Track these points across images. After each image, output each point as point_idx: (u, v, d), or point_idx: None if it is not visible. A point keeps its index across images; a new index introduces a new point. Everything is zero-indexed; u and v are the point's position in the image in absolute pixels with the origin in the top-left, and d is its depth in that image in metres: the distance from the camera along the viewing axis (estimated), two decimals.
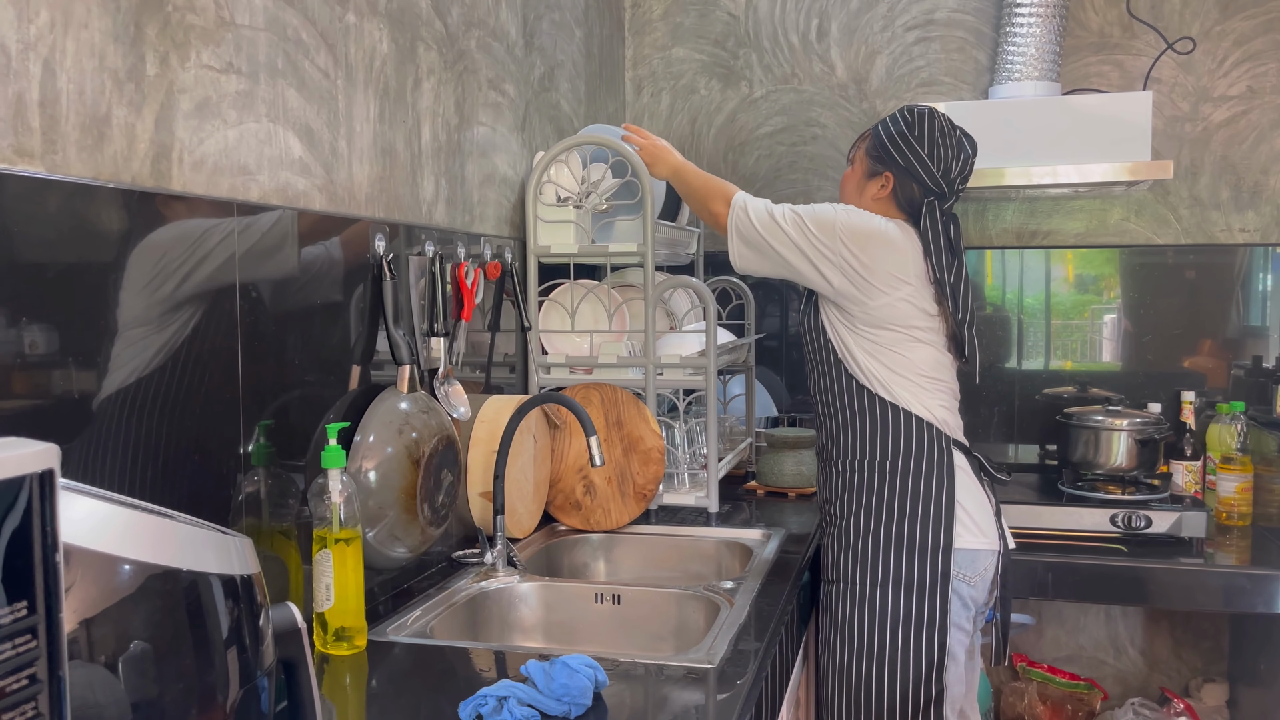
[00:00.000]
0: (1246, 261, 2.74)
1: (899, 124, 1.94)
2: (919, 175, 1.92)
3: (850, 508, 1.92)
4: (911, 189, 1.93)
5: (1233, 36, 2.71)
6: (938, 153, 1.92)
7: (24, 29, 1.03)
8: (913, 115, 1.93)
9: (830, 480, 1.99)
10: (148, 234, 1.19)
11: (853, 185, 2.01)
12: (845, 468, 1.95)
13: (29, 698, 0.59)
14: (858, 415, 1.92)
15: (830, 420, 1.98)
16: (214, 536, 0.78)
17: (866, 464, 1.92)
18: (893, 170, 1.93)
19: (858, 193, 1.99)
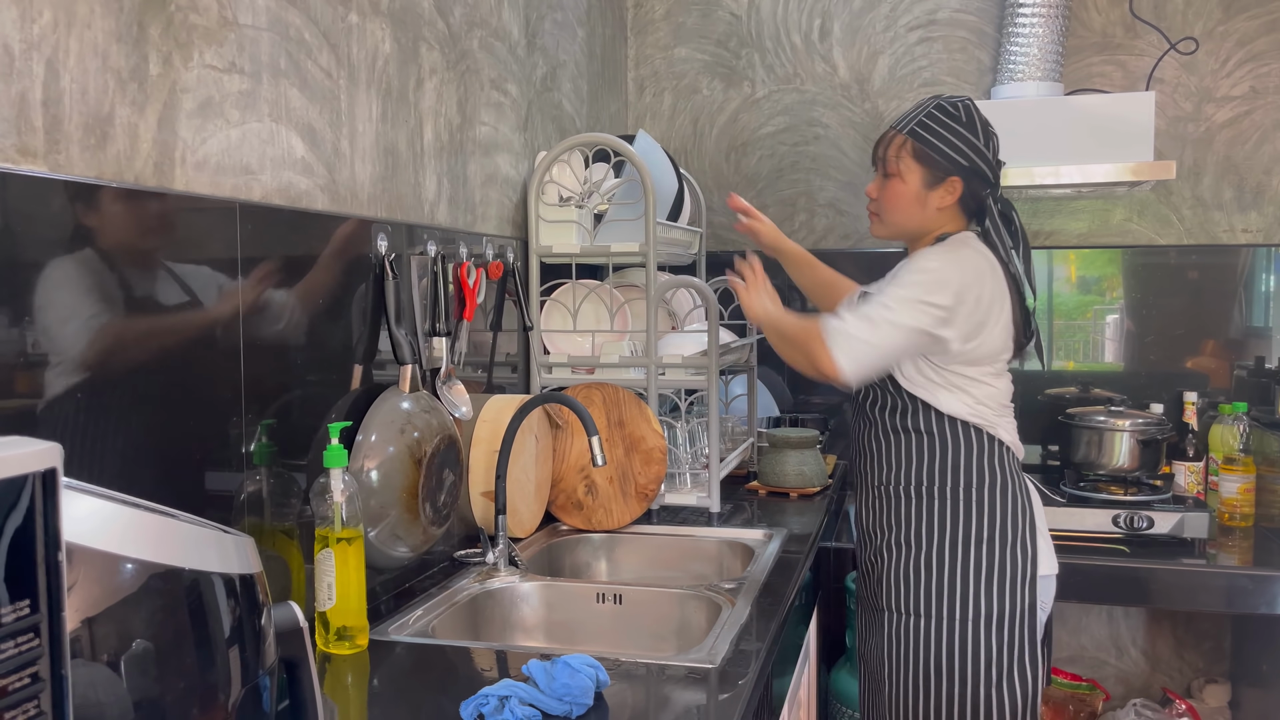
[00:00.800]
0: (1249, 262, 2.74)
1: (947, 120, 1.77)
2: (983, 172, 1.79)
3: (928, 538, 1.79)
4: (979, 189, 1.80)
5: (1235, 37, 2.71)
6: (992, 141, 1.80)
7: (27, 29, 1.03)
8: (956, 108, 1.78)
9: (892, 507, 1.84)
10: (149, 233, 1.19)
11: (909, 200, 1.80)
12: (918, 495, 1.81)
13: (31, 696, 0.59)
14: (937, 441, 1.79)
15: (896, 444, 1.83)
16: (216, 536, 0.78)
17: (950, 492, 1.79)
18: (959, 174, 1.78)
19: (918, 206, 1.80)
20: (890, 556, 1.83)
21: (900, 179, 1.79)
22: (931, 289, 1.71)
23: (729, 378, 2.90)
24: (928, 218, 1.81)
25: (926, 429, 1.79)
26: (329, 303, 1.54)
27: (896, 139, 1.80)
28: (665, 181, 2.42)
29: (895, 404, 1.82)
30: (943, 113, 1.77)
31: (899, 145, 1.79)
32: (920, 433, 1.80)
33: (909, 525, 1.81)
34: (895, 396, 1.82)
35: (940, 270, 1.72)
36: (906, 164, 1.79)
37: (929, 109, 1.78)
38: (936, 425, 1.79)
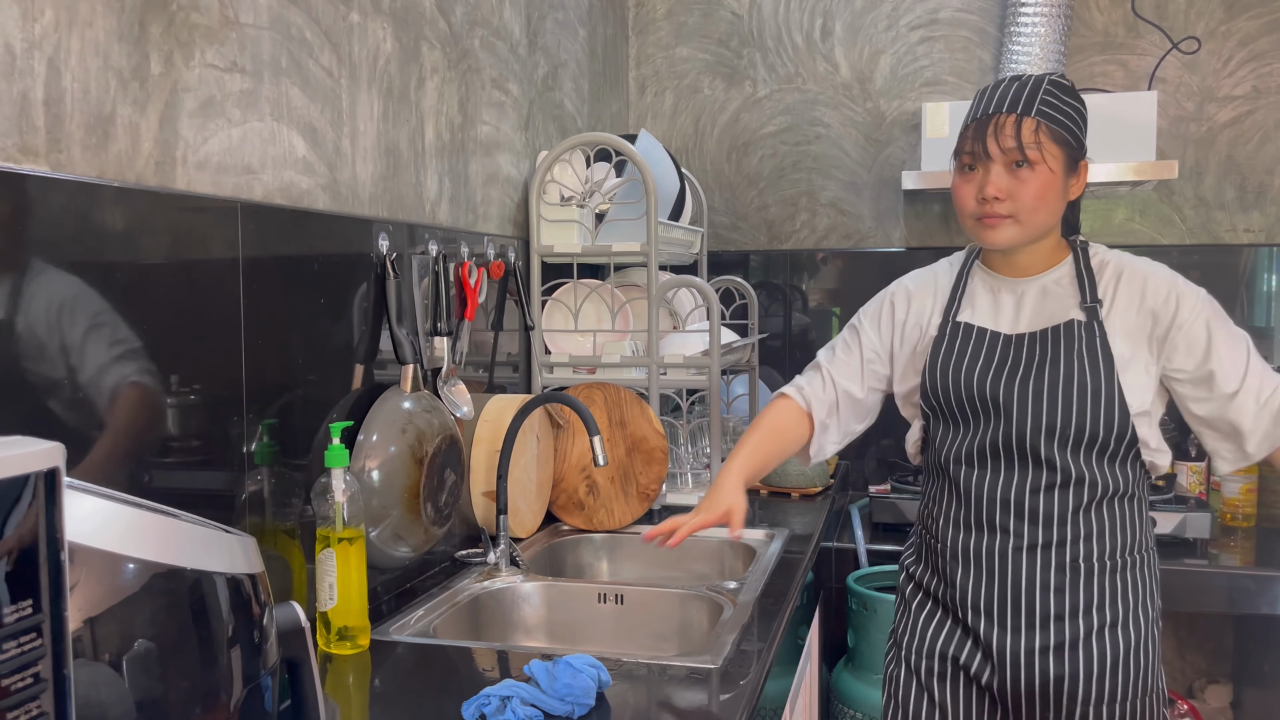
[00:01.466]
0: (1251, 262, 2.73)
1: (1068, 98, 1.52)
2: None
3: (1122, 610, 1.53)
4: None
5: (1238, 36, 2.71)
6: None
7: (29, 28, 1.03)
8: (1068, 81, 1.55)
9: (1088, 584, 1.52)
10: (151, 233, 1.19)
11: (1056, 191, 1.50)
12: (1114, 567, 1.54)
13: (33, 696, 0.59)
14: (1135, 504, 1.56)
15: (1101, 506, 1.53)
16: (218, 535, 0.78)
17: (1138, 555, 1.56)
18: (1085, 154, 1.56)
19: (1061, 198, 1.52)
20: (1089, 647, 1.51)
21: (1045, 166, 1.48)
22: None
23: (730, 377, 2.89)
24: (1058, 211, 1.54)
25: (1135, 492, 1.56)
26: (330, 302, 1.53)
27: (1028, 123, 1.48)
28: (667, 181, 2.42)
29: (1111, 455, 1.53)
30: (1060, 88, 1.52)
31: (1033, 130, 1.48)
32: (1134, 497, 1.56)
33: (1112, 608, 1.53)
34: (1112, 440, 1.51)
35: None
36: (1050, 149, 1.48)
37: (1045, 85, 1.51)
38: (1143, 483, 1.58)
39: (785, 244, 3.05)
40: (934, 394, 1.59)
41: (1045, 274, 1.58)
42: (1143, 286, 1.54)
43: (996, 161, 1.50)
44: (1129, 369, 1.50)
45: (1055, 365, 1.51)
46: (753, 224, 3.06)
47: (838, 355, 1.72)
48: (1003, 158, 1.49)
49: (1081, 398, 1.49)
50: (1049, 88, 1.51)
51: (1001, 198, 1.49)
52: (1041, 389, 1.50)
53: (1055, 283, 1.57)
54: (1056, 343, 1.52)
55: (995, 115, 1.51)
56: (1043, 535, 1.51)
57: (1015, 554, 1.52)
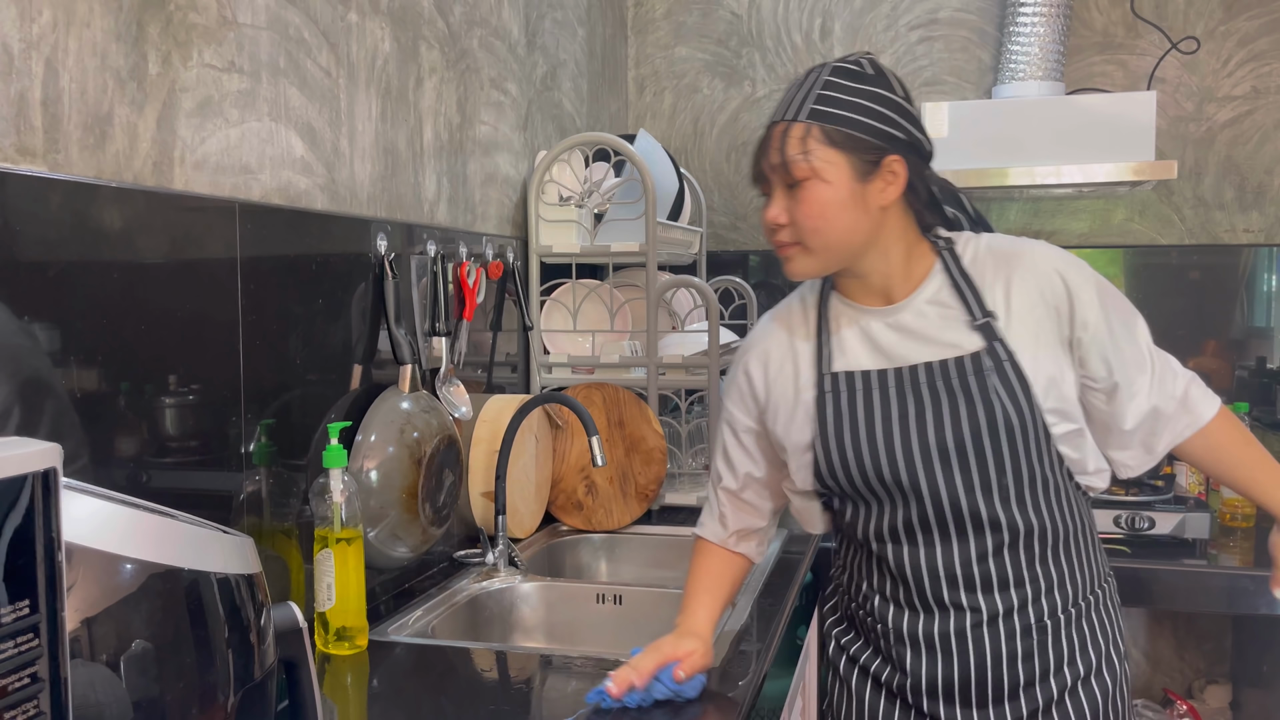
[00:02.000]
0: (1251, 262, 2.73)
1: (852, 84, 1.24)
2: (922, 143, 1.28)
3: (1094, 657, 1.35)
4: (921, 169, 1.28)
5: (1237, 36, 2.71)
6: (909, 95, 1.29)
7: (26, 28, 1.03)
8: (860, 64, 1.27)
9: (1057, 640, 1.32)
10: (149, 233, 1.19)
11: (841, 204, 1.22)
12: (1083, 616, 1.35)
13: (31, 696, 0.59)
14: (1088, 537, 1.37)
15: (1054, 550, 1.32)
16: (215, 536, 0.78)
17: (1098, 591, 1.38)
18: (896, 149, 1.24)
19: (857, 209, 1.23)
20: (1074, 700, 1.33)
21: (819, 179, 1.22)
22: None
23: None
24: (870, 224, 1.25)
25: (1085, 523, 1.36)
26: (328, 302, 1.53)
27: (796, 130, 1.23)
28: (666, 181, 2.42)
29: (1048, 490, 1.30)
30: (840, 75, 1.24)
31: (802, 136, 1.22)
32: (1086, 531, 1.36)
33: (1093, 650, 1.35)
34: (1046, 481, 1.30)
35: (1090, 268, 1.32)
36: (823, 156, 1.22)
37: (821, 78, 1.25)
38: (1089, 511, 1.38)
39: None
40: (833, 477, 1.32)
41: (915, 294, 1.30)
42: (1033, 275, 1.28)
43: (774, 183, 1.26)
44: (1053, 387, 1.26)
45: (966, 409, 1.25)
46: (752, 224, 3.06)
47: (724, 468, 1.44)
48: (776, 178, 1.25)
49: (1010, 440, 1.24)
50: (828, 79, 1.24)
51: (782, 222, 1.25)
52: (963, 443, 1.25)
53: (931, 301, 1.29)
54: (963, 378, 1.26)
55: (771, 127, 1.27)
56: (1001, 603, 1.29)
57: (975, 630, 1.29)
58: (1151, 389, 1.30)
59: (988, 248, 1.32)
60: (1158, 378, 1.31)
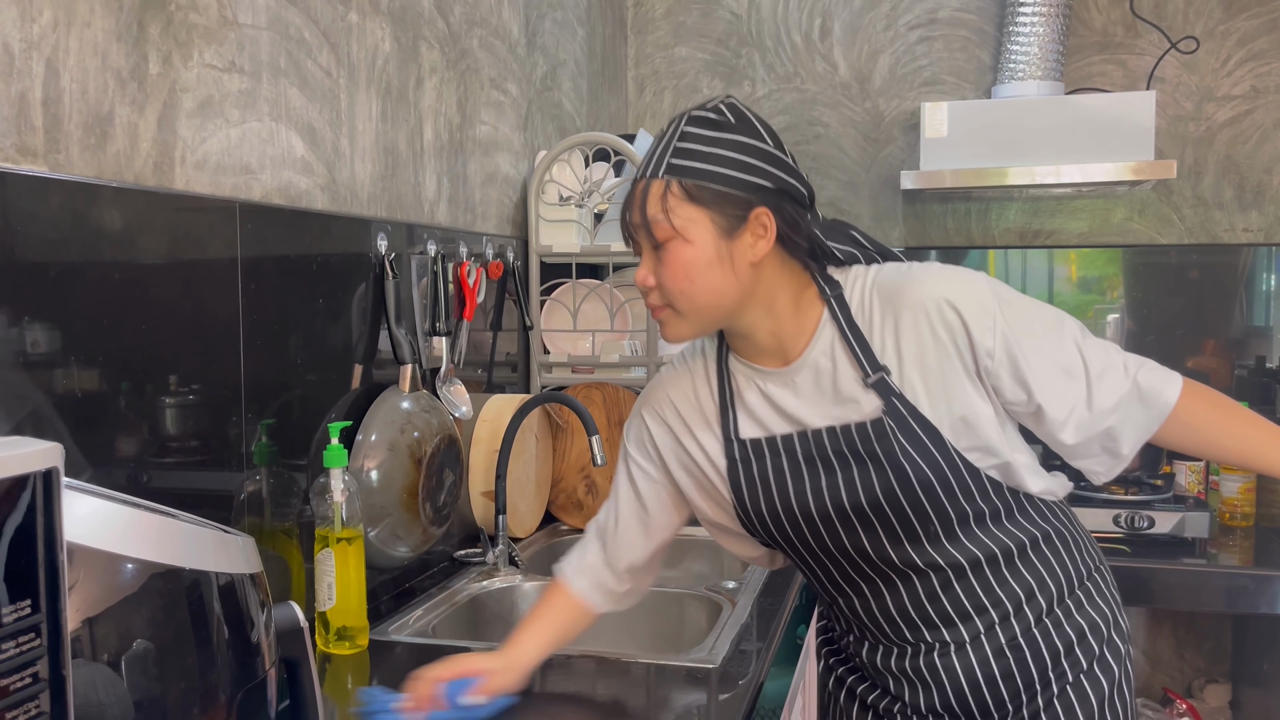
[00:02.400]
0: (1250, 261, 2.74)
1: (708, 133, 1.15)
2: (793, 187, 1.17)
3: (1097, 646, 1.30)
4: (795, 215, 1.17)
5: (1236, 36, 2.71)
6: (780, 142, 1.19)
7: (27, 28, 1.03)
8: (718, 111, 1.17)
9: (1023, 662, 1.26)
10: (149, 233, 1.19)
11: (706, 264, 1.14)
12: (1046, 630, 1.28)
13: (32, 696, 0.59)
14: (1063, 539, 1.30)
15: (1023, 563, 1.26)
16: (216, 535, 0.78)
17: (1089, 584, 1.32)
18: (764, 200, 1.14)
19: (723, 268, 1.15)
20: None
21: (684, 239, 1.14)
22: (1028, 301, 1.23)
23: None
24: (742, 281, 1.16)
25: (1045, 529, 1.27)
26: (329, 302, 1.54)
27: (655, 187, 1.15)
28: None
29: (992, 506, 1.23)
30: (699, 125, 1.16)
31: (661, 194, 1.14)
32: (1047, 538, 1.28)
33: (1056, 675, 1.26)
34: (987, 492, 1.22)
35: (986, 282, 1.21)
36: (684, 214, 1.14)
37: (678, 130, 1.17)
38: (1052, 513, 1.29)
39: None
40: (761, 534, 1.29)
41: (808, 351, 1.21)
42: (920, 312, 1.18)
43: (640, 243, 1.19)
44: (966, 427, 1.18)
45: (876, 473, 1.18)
46: None
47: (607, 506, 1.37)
48: (641, 237, 1.18)
49: (929, 492, 1.18)
50: (685, 129, 1.16)
51: (650, 285, 1.18)
52: (878, 504, 1.19)
53: (824, 355, 1.21)
54: (867, 444, 1.18)
55: (634, 184, 1.19)
56: (967, 631, 1.24)
57: (945, 660, 1.25)
58: (1091, 397, 1.19)
59: (874, 286, 1.21)
60: (1094, 382, 1.20)
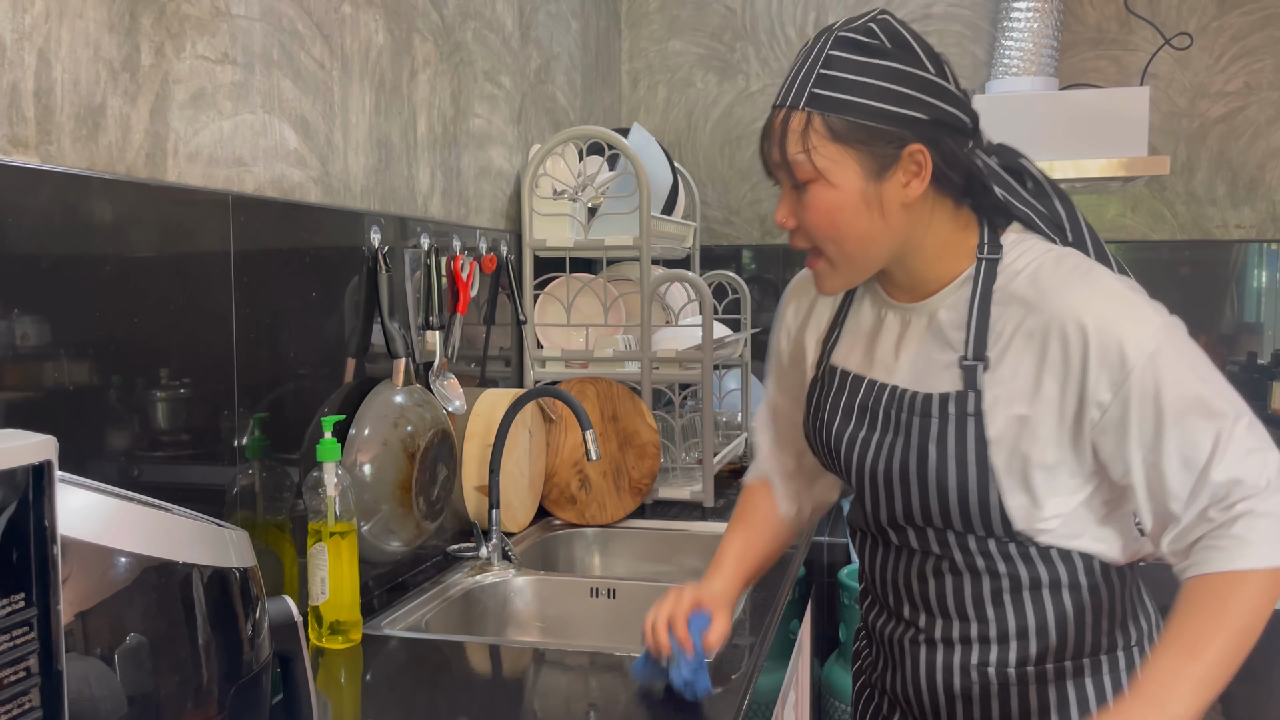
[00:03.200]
0: (1242, 258, 2.74)
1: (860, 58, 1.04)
2: (953, 116, 1.07)
3: None
4: (953, 149, 1.07)
5: (1230, 32, 2.71)
6: (946, 65, 1.09)
7: (19, 18, 1.03)
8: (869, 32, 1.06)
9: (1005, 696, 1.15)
10: (141, 226, 1.18)
11: (851, 211, 1.06)
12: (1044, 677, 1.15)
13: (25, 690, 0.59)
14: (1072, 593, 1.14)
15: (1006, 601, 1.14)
16: (209, 529, 0.77)
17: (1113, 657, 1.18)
18: (917, 135, 1.04)
19: (868, 214, 1.06)
20: None
21: (826, 182, 1.06)
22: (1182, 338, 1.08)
23: (723, 372, 2.89)
24: (895, 226, 1.08)
25: (1071, 580, 1.14)
26: (322, 295, 1.53)
27: (795, 120, 1.06)
28: (660, 175, 2.42)
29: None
30: (846, 48, 1.05)
31: (802, 129, 1.06)
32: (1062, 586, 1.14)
33: None
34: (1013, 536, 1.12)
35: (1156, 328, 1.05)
36: (828, 154, 1.05)
37: (823, 52, 1.06)
38: (1089, 572, 1.14)
39: (778, 238, 3.05)
40: (813, 450, 1.29)
41: (941, 294, 1.13)
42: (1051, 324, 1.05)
43: (781, 182, 1.10)
44: (1020, 463, 1.07)
45: (917, 442, 1.12)
46: (745, 218, 3.06)
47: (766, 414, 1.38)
48: (781, 175, 1.10)
49: (942, 489, 1.10)
50: (831, 53, 1.05)
51: (791, 226, 1.11)
52: (906, 468, 1.13)
53: (950, 311, 1.12)
54: (926, 413, 1.11)
55: (773, 112, 1.10)
56: (941, 629, 1.17)
57: (913, 646, 1.20)
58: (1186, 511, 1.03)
59: (1034, 273, 1.08)
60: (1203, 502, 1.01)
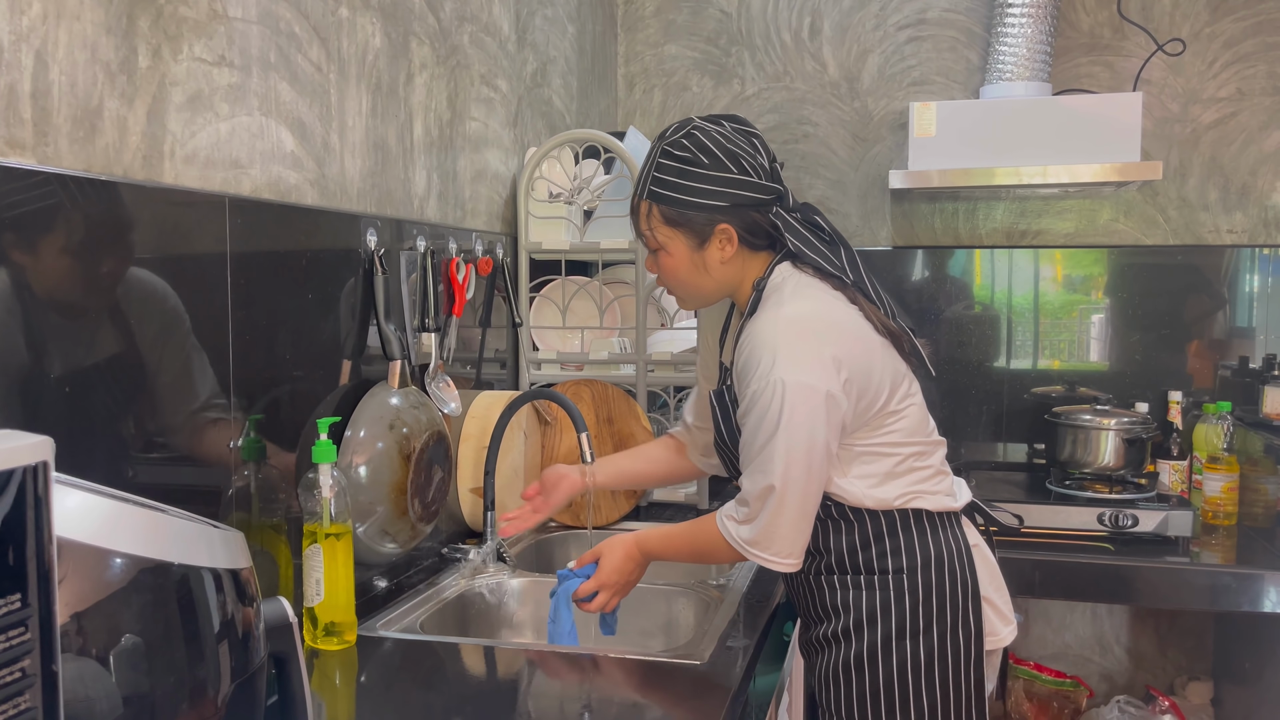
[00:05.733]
0: (1233, 262, 2.76)
1: (679, 165, 1.43)
2: (751, 198, 1.43)
3: (859, 633, 1.47)
4: (754, 219, 1.44)
5: (1222, 38, 2.73)
6: (745, 160, 1.43)
7: (16, 20, 1.03)
8: (682, 145, 1.43)
9: (821, 596, 1.52)
10: (138, 227, 1.18)
11: (686, 269, 1.47)
12: (843, 585, 1.50)
13: (21, 691, 0.59)
14: (855, 528, 1.47)
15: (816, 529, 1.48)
16: (205, 530, 0.78)
17: (877, 580, 1.47)
18: (725, 217, 1.43)
19: (699, 271, 1.47)
20: (821, 651, 1.53)
21: (665, 251, 1.47)
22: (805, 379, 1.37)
23: None
24: (719, 277, 1.48)
25: (840, 515, 1.48)
26: (318, 298, 1.53)
27: (643, 207, 1.48)
28: None
29: None
30: (671, 158, 1.44)
31: (647, 214, 1.47)
32: (834, 519, 1.48)
33: (837, 618, 1.49)
34: None
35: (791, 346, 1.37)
36: (664, 233, 1.46)
37: (655, 160, 1.46)
38: (847, 512, 1.47)
39: None
40: None
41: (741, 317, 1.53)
42: (742, 346, 1.42)
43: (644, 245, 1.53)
44: None
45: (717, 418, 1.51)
46: None
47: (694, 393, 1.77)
48: (643, 243, 1.52)
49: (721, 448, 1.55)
50: (660, 160, 1.45)
51: (654, 274, 1.55)
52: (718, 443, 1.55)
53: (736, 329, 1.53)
54: (718, 400, 1.51)
55: (632, 198, 1.53)
56: None
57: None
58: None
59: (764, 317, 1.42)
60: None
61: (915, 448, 1.47)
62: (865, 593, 1.47)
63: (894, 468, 1.46)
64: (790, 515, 1.37)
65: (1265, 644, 2.42)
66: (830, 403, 1.35)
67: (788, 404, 1.34)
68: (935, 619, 1.45)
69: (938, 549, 1.47)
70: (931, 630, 1.45)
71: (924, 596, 1.45)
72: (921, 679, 1.45)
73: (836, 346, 1.37)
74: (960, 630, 1.46)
